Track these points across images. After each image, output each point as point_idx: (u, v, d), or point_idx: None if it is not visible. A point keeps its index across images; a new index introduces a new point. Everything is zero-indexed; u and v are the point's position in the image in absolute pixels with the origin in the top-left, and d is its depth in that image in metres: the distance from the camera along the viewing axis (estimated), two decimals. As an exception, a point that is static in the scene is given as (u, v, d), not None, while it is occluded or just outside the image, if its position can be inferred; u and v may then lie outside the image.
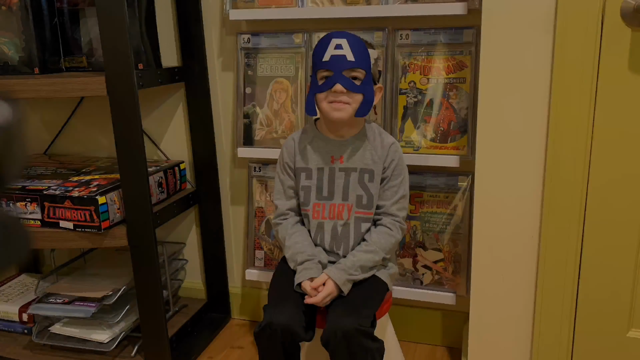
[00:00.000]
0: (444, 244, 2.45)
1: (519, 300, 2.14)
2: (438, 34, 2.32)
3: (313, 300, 1.95)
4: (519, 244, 2.09)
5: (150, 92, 2.76)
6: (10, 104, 0.85)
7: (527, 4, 1.89)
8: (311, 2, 2.39)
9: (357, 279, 2.02)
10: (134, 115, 2.20)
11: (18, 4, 2.40)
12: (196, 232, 2.97)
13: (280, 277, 2.13)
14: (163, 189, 2.60)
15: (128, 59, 2.13)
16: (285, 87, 2.53)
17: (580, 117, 1.90)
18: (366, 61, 1.98)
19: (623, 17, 1.82)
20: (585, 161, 1.94)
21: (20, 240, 0.92)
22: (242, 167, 2.78)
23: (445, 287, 2.48)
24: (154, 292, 2.39)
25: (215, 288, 2.96)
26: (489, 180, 2.07)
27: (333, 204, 2.12)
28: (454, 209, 2.42)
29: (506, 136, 2.01)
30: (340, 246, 2.11)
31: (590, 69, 1.87)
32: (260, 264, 2.74)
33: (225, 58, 2.68)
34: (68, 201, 2.29)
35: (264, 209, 2.69)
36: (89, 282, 2.65)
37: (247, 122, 2.59)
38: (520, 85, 1.95)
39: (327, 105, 1.99)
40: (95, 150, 3.00)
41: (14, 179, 0.88)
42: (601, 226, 1.99)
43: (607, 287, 2.04)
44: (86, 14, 2.53)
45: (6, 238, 0.88)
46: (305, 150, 2.14)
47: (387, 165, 2.10)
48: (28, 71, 2.46)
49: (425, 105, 2.35)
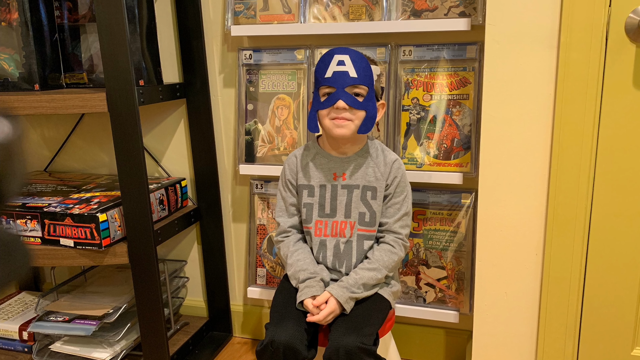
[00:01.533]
0: (447, 262, 2.43)
1: (522, 318, 2.12)
2: (441, 50, 2.31)
3: (315, 318, 1.93)
4: (522, 262, 2.07)
5: (151, 108, 2.76)
6: (10, 120, 0.85)
7: (531, 20, 1.88)
8: (313, 18, 2.39)
9: (359, 296, 2.00)
10: (134, 132, 2.18)
11: (18, 20, 2.40)
12: (197, 250, 2.95)
13: (282, 295, 2.11)
14: (164, 206, 2.58)
15: (129, 75, 2.13)
16: (287, 104, 2.52)
17: (584, 134, 1.89)
18: (369, 77, 1.97)
19: (627, 33, 1.81)
20: (590, 178, 1.93)
21: (20, 258, 0.91)
22: (244, 184, 2.76)
23: (449, 305, 2.47)
24: (155, 310, 2.37)
25: (217, 306, 2.94)
26: (492, 197, 2.06)
27: (335, 222, 2.10)
28: (457, 227, 2.40)
29: (510, 153, 2.00)
30: (342, 264, 2.09)
31: (594, 85, 1.85)
32: (262, 282, 2.72)
33: (226, 74, 2.67)
34: (68, 218, 2.28)
35: (266, 227, 2.67)
36: (90, 300, 2.64)
37: (249, 139, 2.58)
38: (524, 102, 1.94)
39: (330, 122, 1.98)
40: (95, 167, 2.99)
41: (14, 196, 0.87)
42: (605, 243, 1.98)
43: (612, 304, 2.02)
44: (87, 30, 2.53)
45: (6, 256, 0.88)
46: (308, 167, 2.13)
47: (389, 182, 2.09)
48: (28, 87, 2.45)
49: (428, 122, 2.34)
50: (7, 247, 0.89)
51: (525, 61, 1.92)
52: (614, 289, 2.01)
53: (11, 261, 0.89)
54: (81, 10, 2.52)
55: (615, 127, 1.88)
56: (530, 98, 1.94)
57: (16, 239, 1.02)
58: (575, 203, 1.95)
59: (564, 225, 1.98)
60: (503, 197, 2.04)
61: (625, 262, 1.98)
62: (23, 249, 0.94)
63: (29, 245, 2.32)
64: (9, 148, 0.84)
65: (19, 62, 2.45)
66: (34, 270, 3.27)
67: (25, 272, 0.99)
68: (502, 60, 1.94)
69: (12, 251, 0.90)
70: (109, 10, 2.08)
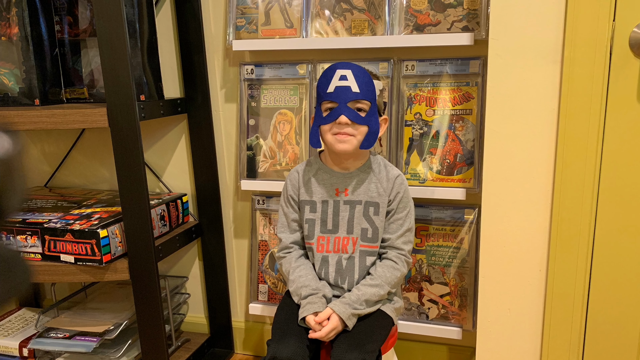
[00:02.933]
0: (450, 278, 2.42)
1: (526, 334, 2.11)
2: (444, 65, 2.30)
3: (317, 335, 1.92)
4: (526, 278, 2.06)
5: (152, 123, 2.75)
6: (11, 135, 0.84)
7: (534, 34, 1.88)
8: (315, 32, 2.38)
9: (362, 313, 1.99)
10: (135, 147, 2.18)
11: (18, 35, 2.40)
12: (199, 266, 2.94)
13: (284, 312, 2.10)
14: (165, 222, 2.57)
15: (130, 90, 2.12)
16: (289, 119, 2.51)
17: (588, 149, 1.88)
18: (371, 92, 1.96)
19: (632, 48, 1.80)
20: (594, 193, 1.92)
21: (20, 274, 0.91)
22: (246, 200, 2.75)
23: (452, 322, 2.45)
24: (156, 327, 2.36)
25: (218, 322, 2.93)
26: (495, 213, 2.05)
27: (337, 237, 2.09)
28: (460, 242, 2.39)
29: (513, 169, 1.99)
30: (345, 280, 2.08)
31: (598, 100, 1.85)
32: (264, 298, 2.71)
33: (228, 89, 2.66)
34: (69, 234, 2.27)
35: (268, 242, 2.66)
36: (90, 316, 2.63)
37: (251, 154, 2.57)
38: (527, 117, 1.94)
39: (332, 137, 1.97)
40: (96, 182, 2.98)
41: (14, 211, 0.87)
42: (610, 259, 1.97)
43: (616, 321, 2.01)
44: (87, 45, 2.52)
45: (6, 272, 0.88)
46: (310, 182, 2.12)
47: (392, 198, 2.08)
48: (28, 102, 2.45)
49: (431, 137, 2.34)
50: (7, 263, 0.89)
51: (528, 76, 1.91)
52: (618, 306, 2.00)
53: (11, 277, 0.89)
54: (82, 25, 2.52)
55: (619, 142, 1.87)
56: (534, 113, 1.93)
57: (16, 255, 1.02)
58: (579, 219, 1.94)
59: (567, 241, 1.97)
60: (506, 213, 2.03)
61: (629, 278, 1.97)
62: (23, 265, 0.94)
63: (29, 261, 2.31)
64: (9, 163, 0.83)
65: (19, 77, 2.45)
66: (34, 287, 3.26)
67: (25, 288, 0.98)
68: (505, 75, 1.94)
69: (12, 267, 0.90)
70: (110, 25, 2.08)
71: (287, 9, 2.42)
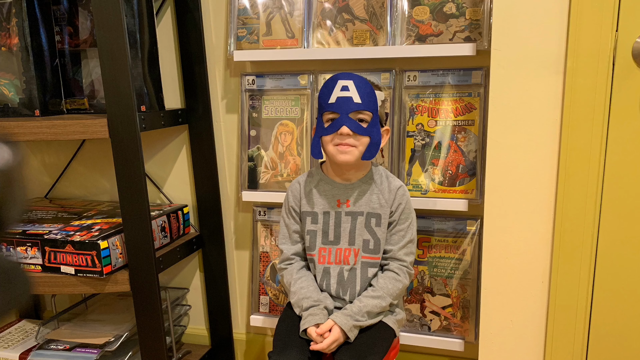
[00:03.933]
0: (452, 289, 2.41)
1: (528, 346, 2.10)
2: (446, 75, 2.30)
3: (319, 346, 1.91)
4: (528, 290, 2.06)
5: (152, 134, 2.75)
6: (11, 146, 0.84)
7: (537, 45, 1.87)
8: (317, 43, 2.38)
9: (363, 324, 1.98)
10: (136, 158, 2.17)
11: (18, 45, 2.39)
12: (200, 277, 2.93)
13: (286, 323, 2.09)
14: (166, 233, 2.57)
15: (130, 101, 2.12)
16: (291, 130, 2.50)
17: (590, 160, 1.88)
18: (373, 103, 1.95)
19: (635, 58, 1.80)
20: (596, 204, 1.91)
21: (20, 285, 0.91)
22: (247, 211, 2.75)
23: (454, 333, 2.44)
24: (156, 339, 2.35)
25: (219, 334, 2.92)
26: (498, 224, 2.04)
27: (339, 249, 2.08)
28: (462, 254, 2.38)
29: (515, 179, 1.98)
30: (346, 291, 2.07)
31: (601, 111, 1.84)
32: (265, 310, 2.70)
33: (229, 100, 2.66)
34: (69, 246, 2.26)
35: (269, 254, 2.65)
36: (91, 328, 2.62)
37: (252, 165, 2.57)
38: (530, 128, 1.93)
39: (333, 148, 1.97)
40: (96, 193, 2.98)
41: (14, 223, 0.87)
42: (612, 271, 1.96)
43: (619, 333, 2.01)
44: (88, 55, 2.52)
45: (6, 283, 0.88)
46: (311, 193, 2.11)
47: (394, 209, 2.07)
48: (28, 113, 2.45)
49: (433, 148, 2.33)
50: (7, 275, 0.89)
51: (531, 86, 1.91)
52: (621, 317, 1.99)
53: (11, 289, 0.89)
54: (82, 35, 2.52)
55: (622, 153, 1.87)
56: (536, 124, 1.93)
57: (16, 267, 1.01)
58: (582, 230, 1.93)
59: (570, 252, 1.96)
60: (509, 224, 2.03)
61: (632, 290, 1.96)
62: (23, 276, 0.94)
63: (29, 272, 2.31)
64: (9, 174, 0.83)
65: (19, 87, 2.44)
66: (35, 298, 3.25)
67: (25, 300, 0.97)
68: (507, 86, 1.93)
69: (12, 279, 0.90)
70: (110, 35, 2.08)
71: (288, 20, 2.42)
